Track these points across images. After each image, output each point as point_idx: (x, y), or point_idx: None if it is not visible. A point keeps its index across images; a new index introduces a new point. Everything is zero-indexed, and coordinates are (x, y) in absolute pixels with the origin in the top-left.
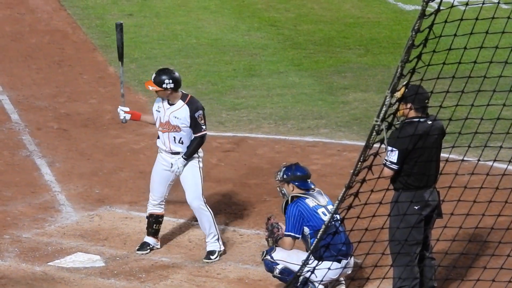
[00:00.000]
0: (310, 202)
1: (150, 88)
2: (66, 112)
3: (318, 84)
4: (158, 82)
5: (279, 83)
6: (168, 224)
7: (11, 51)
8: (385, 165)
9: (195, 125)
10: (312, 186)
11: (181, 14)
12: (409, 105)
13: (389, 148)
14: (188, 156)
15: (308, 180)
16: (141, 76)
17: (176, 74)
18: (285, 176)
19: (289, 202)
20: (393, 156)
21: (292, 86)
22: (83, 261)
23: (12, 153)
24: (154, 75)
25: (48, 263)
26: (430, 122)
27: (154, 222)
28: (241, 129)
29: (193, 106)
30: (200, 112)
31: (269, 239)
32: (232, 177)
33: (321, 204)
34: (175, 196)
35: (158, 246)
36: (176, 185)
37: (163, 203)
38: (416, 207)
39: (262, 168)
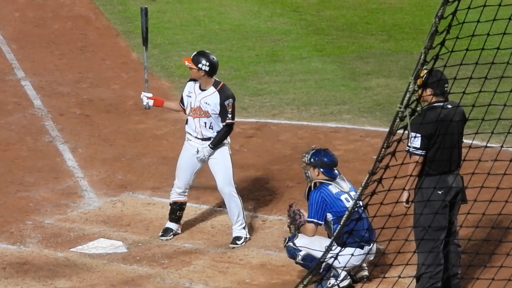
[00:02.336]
0: (333, 188)
1: (186, 63)
2: (88, 98)
3: (341, 70)
4: (195, 61)
5: (301, 68)
6: (191, 210)
7: (33, 37)
8: (409, 151)
9: (223, 113)
10: (338, 175)
11: None
12: (430, 91)
13: (412, 134)
14: (214, 144)
15: (334, 168)
16: (163, 61)
17: (215, 60)
18: (312, 160)
19: (312, 189)
20: (416, 142)
21: (315, 72)
22: (105, 247)
23: (35, 139)
24: (194, 53)
25: (71, 249)
26: (450, 107)
27: (178, 209)
28: (264, 114)
29: (224, 94)
30: (230, 100)
31: (291, 225)
32: (255, 162)
33: (344, 190)
34: (198, 182)
35: (179, 231)
36: (200, 171)
37: (187, 190)
38: (440, 192)
39: (284, 154)
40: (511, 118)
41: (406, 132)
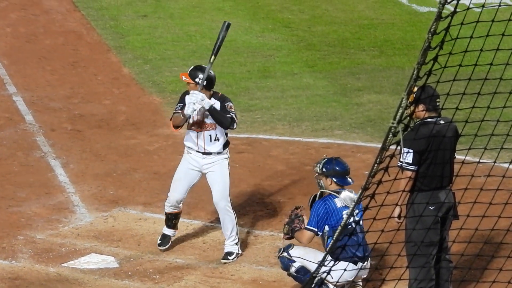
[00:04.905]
0: (339, 202)
1: (184, 78)
2: (80, 113)
3: (332, 86)
4: (192, 76)
5: (293, 84)
6: (183, 225)
7: (25, 52)
8: (401, 167)
9: (226, 113)
10: (351, 182)
11: (195, 15)
12: (422, 107)
13: (405, 149)
14: (213, 109)
15: (347, 176)
16: (155, 77)
17: (212, 74)
18: (324, 170)
19: (317, 198)
20: (409, 157)
21: (306, 88)
22: (97, 262)
23: (26, 154)
24: (191, 68)
25: (62, 264)
26: (443, 122)
27: (173, 218)
28: (255, 130)
29: (223, 98)
30: (229, 102)
31: (286, 225)
32: (246, 178)
33: (348, 205)
34: (189, 197)
35: (174, 235)
36: (195, 186)
37: (181, 203)
38: (432, 208)
39: (276, 169)
40: (504, 134)
41: (399, 147)
